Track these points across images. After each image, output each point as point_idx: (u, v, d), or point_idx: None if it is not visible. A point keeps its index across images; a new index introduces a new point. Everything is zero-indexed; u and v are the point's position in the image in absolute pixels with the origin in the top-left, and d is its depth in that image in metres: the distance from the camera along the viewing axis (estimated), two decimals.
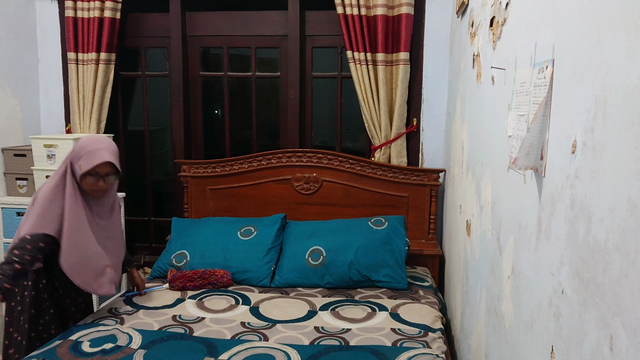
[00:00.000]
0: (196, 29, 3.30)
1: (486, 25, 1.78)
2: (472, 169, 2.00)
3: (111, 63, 3.22)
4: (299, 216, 3.01)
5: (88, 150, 1.92)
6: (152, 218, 3.55)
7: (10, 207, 2.98)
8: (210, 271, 2.48)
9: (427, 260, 2.88)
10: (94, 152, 1.91)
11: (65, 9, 3.15)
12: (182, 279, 2.45)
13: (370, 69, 2.95)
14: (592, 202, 0.84)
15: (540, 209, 1.11)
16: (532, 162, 1.12)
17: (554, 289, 1.01)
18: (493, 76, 1.64)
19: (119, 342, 1.91)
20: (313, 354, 1.83)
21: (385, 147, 3.04)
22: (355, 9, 2.90)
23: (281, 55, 3.26)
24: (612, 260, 0.76)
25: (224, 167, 3.11)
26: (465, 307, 2.08)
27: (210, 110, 3.64)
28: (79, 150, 1.93)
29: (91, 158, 1.90)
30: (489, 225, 1.63)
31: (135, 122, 3.59)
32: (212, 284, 2.45)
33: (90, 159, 1.90)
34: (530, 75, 1.19)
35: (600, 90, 0.82)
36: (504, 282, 1.41)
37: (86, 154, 1.91)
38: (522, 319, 1.23)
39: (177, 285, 2.43)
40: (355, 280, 2.49)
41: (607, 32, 0.81)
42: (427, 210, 2.97)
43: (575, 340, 0.89)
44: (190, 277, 2.45)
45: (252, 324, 2.10)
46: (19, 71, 3.22)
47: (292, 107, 3.22)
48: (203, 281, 2.45)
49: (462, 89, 2.39)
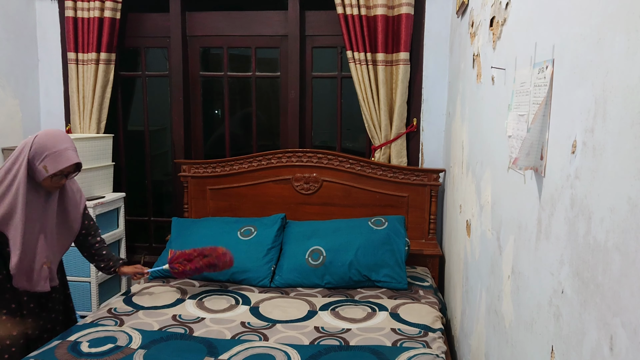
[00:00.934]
0: (196, 29, 3.30)
1: (486, 25, 1.78)
2: (472, 169, 2.00)
3: (111, 63, 3.22)
4: (299, 216, 3.01)
5: (53, 152, 1.87)
6: (152, 218, 3.55)
7: None
8: (211, 248, 2.38)
9: (427, 260, 2.88)
10: (60, 153, 1.88)
11: (65, 9, 3.16)
12: (182, 259, 2.33)
13: (370, 69, 2.95)
14: (592, 202, 0.84)
15: (540, 209, 1.11)
16: (532, 162, 1.12)
17: (554, 289, 1.01)
18: (493, 76, 1.64)
19: (119, 342, 1.91)
20: (313, 354, 1.83)
21: (385, 147, 3.04)
22: (355, 9, 2.90)
23: (281, 55, 3.26)
24: (612, 260, 0.76)
25: (224, 167, 3.11)
26: (465, 307, 2.08)
27: (210, 110, 3.64)
28: (41, 150, 1.87)
29: (58, 160, 1.87)
30: (489, 225, 1.63)
31: (135, 122, 3.59)
32: (212, 266, 2.33)
33: (57, 160, 1.87)
34: (530, 75, 1.19)
35: (600, 90, 0.82)
36: (504, 282, 1.41)
37: (52, 155, 1.86)
38: (522, 319, 1.23)
39: (177, 268, 2.32)
40: (355, 280, 2.49)
41: (607, 32, 0.81)
42: (427, 210, 2.97)
43: (575, 340, 0.89)
44: (189, 256, 2.34)
45: (252, 324, 2.10)
46: (19, 71, 3.22)
47: (292, 107, 3.22)
48: (203, 261, 2.32)
49: (462, 89, 2.39)
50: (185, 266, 2.33)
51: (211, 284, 2.54)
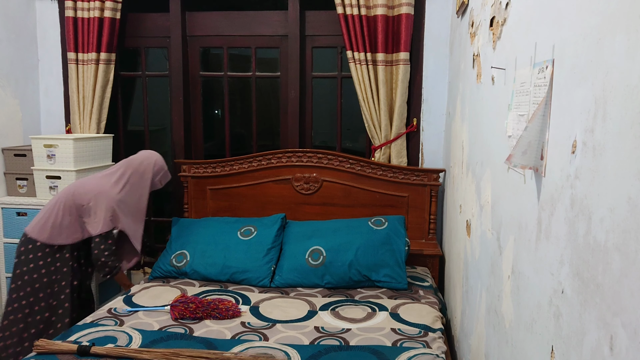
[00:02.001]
0: (196, 29, 3.30)
1: (486, 25, 1.78)
2: (472, 169, 2.00)
3: (111, 63, 3.22)
4: (299, 216, 3.01)
5: (165, 170, 2.75)
6: (152, 218, 3.55)
7: (10, 207, 2.97)
8: (217, 302, 2.19)
9: (427, 260, 2.88)
10: (166, 172, 2.76)
11: (65, 9, 3.16)
12: (184, 310, 2.14)
13: (370, 69, 2.95)
14: (592, 202, 0.84)
15: (540, 209, 1.11)
16: (531, 161, 1.12)
17: (554, 289, 1.01)
18: (493, 76, 1.64)
19: (119, 342, 1.91)
20: (313, 353, 1.83)
21: (385, 147, 3.04)
22: (355, 9, 2.90)
23: (281, 55, 3.26)
24: (612, 260, 0.76)
25: (224, 167, 3.11)
26: (465, 307, 2.08)
27: (210, 110, 3.64)
28: (160, 170, 2.72)
29: (166, 177, 2.76)
30: (489, 225, 1.63)
31: (135, 122, 3.59)
32: (215, 318, 2.14)
33: (166, 177, 2.76)
34: (530, 75, 1.19)
35: (600, 90, 0.82)
36: (504, 282, 1.41)
37: (164, 173, 2.74)
38: (522, 319, 1.23)
39: (175, 314, 2.14)
40: (355, 280, 2.49)
41: (607, 32, 0.81)
42: (427, 210, 2.97)
43: (575, 340, 0.89)
44: (192, 310, 2.14)
45: (252, 324, 2.10)
46: (19, 71, 3.22)
47: (292, 107, 3.22)
48: (204, 313, 2.14)
49: (462, 89, 2.39)
50: (183, 315, 2.14)
51: (211, 284, 2.54)
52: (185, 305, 2.16)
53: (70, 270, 2.45)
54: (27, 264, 2.38)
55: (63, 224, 2.43)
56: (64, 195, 2.49)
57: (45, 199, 2.94)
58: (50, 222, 2.42)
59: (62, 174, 2.91)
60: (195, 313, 2.13)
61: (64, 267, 2.44)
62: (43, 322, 2.39)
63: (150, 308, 2.23)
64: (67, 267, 2.45)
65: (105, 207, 2.46)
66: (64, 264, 2.44)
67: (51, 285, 2.42)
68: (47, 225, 2.41)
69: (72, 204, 2.46)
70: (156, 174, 2.68)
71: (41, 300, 2.39)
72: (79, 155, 2.91)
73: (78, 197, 2.47)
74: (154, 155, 2.73)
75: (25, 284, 2.37)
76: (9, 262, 2.99)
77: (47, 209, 2.47)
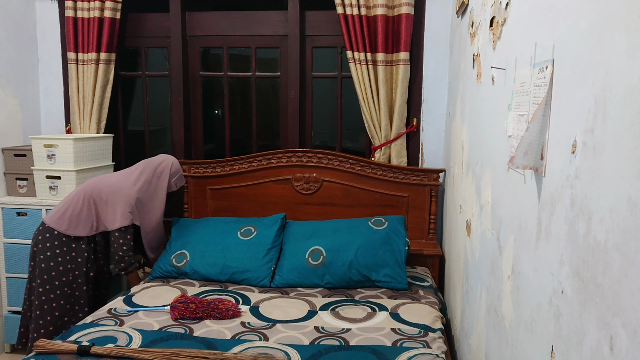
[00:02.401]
0: (196, 29, 3.30)
1: (486, 25, 1.78)
2: (472, 169, 2.00)
3: (111, 63, 3.22)
4: (299, 216, 3.01)
5: (180, 173, 2.90)
6: None
7: (10, 207, 2.97)
8: (217, 302, 2.19)
9: (427, 260, 2.88)
10: (182, 175, 2.91)
11: (65, 9, 3.16)
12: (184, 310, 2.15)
13: (370, 69, 2.95)
14: (592, 202, 0.84)
15: (540, 208, 1.11)
16: (531, 161, 1.12)
17: (554, 288, 1.01)
18: (493, 76, 1.64)
19: (119, 342, 1.91)
20: (313, 353, 1.83)
21: (385, 147, 3.04)
22: (355, 9, 2.90)
23: (281, 55, 3.26)
24: (612, 260, 0.76)
25: (224, 167, 3.11)
26: (465, 307, 2.08)
27: (210, 110, 3.64)
28: (176, 172, 2.86)
29: (181, 180, 2.91)
30: (489, 225, 1.63)
31: (135, 122, 3.59)
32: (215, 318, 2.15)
33: (181, 180, 2.91)
34: (530, 75, 1.19)
35: (600, 90, 0.82)
36: (504, 282, 1.41)
37: (180, 176, 2.89)
38: (522, 319, 1.23)
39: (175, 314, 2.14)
40: (355, 280, 2.49)
41: (607, 32, 0.81)
42: (427, 210, 2.97)
43: (575, 340, 0.89)
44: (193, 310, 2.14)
45: (252, 324, 2.10)
46: (19, 71, 3.22)
47: (292, 107, 3.22)
48: (204, 314, 2.14)
49: (462, 89, 2.39)
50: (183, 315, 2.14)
51: (211, 284, 2.54)
52: (185, 305, 2.16)
53: (86, 261, 2.53)
54: (44, 252, 2.46)
55: (81, 216, 2.52)
56: (84, 188, 2.57)
57: (45, 199, 2.94)
58: (69, 213, 2.50)
59: (62, 174, 2.91)
60: (195, 313, 2.14)
61: (78, 257, 2.52)
62: (59, 309, 2.47)
63: (150, 308, 2.23)
64: (81, 258, 2.52)
65: (124, 203, 2.56)
66: (79, 254, 2.52)
67: (66, 274, 2.49)
68: (65, 216, 2.50)
69: (91, 197, 2.54)
70: (172, 176, 2.82)
71: (57, 288, 2.47)
72: (79, 155, 2.91)
73: (97, 191, 2.56)
74: (170, 158, 2.87)
75: (42, 272, 2.46)
76: (9, 262, 2.99)
77: (66, 201, 2.55)
